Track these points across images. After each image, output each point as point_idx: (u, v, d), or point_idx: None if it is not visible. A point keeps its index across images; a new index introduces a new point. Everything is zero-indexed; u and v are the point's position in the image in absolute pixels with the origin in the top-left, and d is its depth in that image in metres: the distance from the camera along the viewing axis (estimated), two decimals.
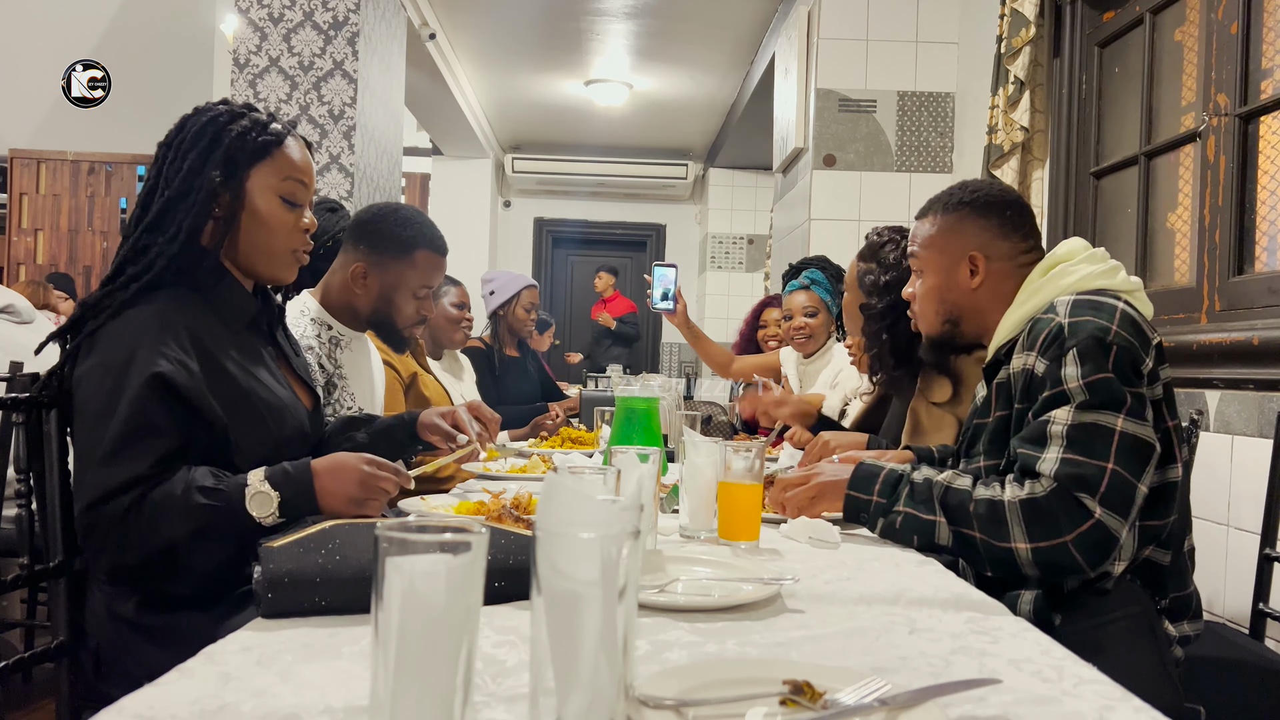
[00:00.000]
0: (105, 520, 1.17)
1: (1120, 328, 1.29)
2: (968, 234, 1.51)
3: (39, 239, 6.27)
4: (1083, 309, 1.32)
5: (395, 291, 1.99)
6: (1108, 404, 1.26)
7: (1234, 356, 2.04)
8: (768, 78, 5.40)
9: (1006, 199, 1.52)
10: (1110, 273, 1.41)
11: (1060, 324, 1.32)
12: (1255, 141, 2.21)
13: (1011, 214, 1.50)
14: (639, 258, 9.45)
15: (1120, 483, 1.22)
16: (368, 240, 1.98)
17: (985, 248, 1.50)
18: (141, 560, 1.19)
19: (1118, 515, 1.21)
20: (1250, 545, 1.82)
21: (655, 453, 1.29)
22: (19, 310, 2.83)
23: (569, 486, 0.63)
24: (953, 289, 1.53)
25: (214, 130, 1.35)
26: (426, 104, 6.70)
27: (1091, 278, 1.39)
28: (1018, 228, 1.50)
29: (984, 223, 1.50)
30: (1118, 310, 1.31)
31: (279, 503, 1.21)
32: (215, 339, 1.32)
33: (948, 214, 1.53)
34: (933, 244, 1.55)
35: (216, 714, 0.70)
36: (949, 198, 1.55)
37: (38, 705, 2.52)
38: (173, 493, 1.18)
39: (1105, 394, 1.26)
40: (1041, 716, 0.74)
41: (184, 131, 1.36)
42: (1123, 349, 1.27)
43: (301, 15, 4.09)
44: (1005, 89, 3.11)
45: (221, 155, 1.34)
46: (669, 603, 1.01)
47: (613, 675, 0.60)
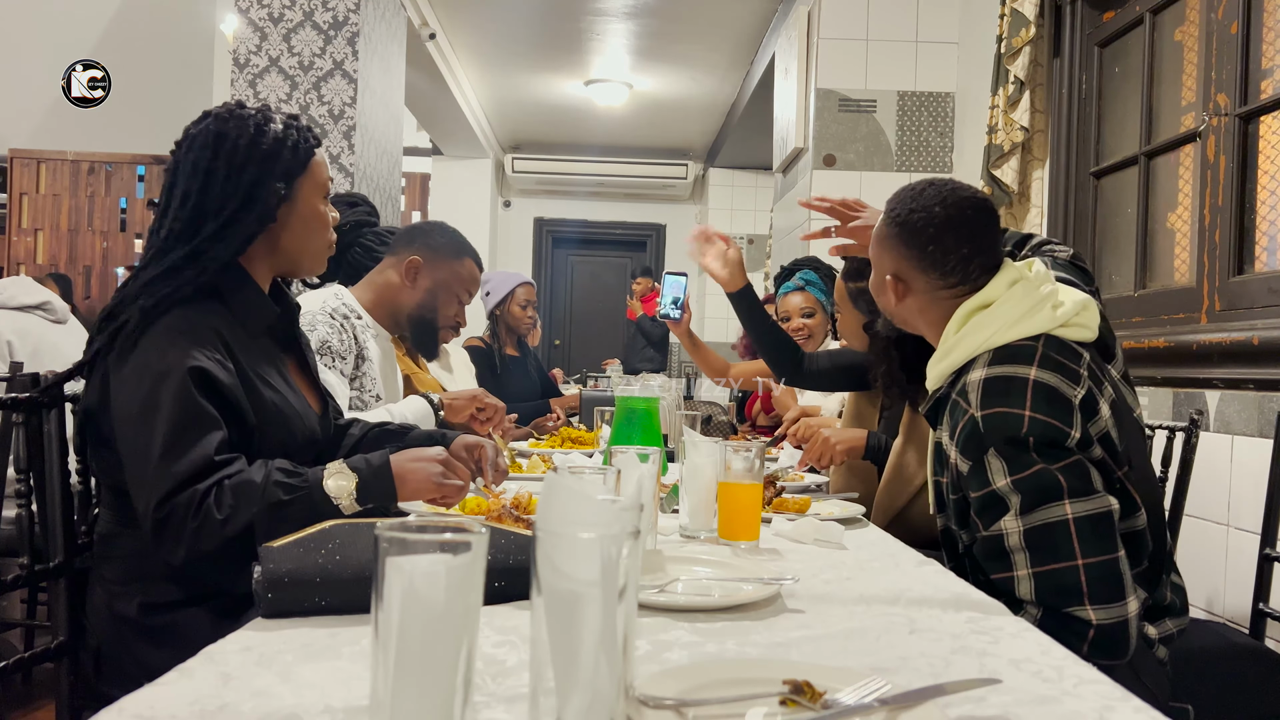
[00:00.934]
0: (180, 510, 1.15)
1: (1033, 409, 1.23)
2: (892, 255, 1.45)
3: (39, 239, 6.27)
4: (992, 396, 1.26)
5: (444, 288, 2.16)
6: (1048, 497, 1.22)
7: (1234, 356, 2.04)
8: (768, 78, 5.40)
9: (934, 228, 1.40)
10: (1031, 314, 1.33)
11: (974, 419, 1.27)
12: (1255, 141, 2.21)
13: (934, 249, 1.39)
14: (639, 258, 9.44)
15: (1100, 572, 1.20)
16: (423, 239, 2.15)
17: (904, 275, 1.44)
18: (220, 547, 1.16)
19: (1114, 603, 1.19)
20: (1250, 545, 1.82)
21: (655, 453, 1.29)
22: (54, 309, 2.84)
23: (569, 486, 0.63)
24: (885, 303, 1.51)
25: (268, 143, 1.36)
26: (426, 104, 6.70)
27: (1006, 329, 1.32)
28: (937, 264, 1.40)
29: (905, 251, 1.42)
30: (1029, 384, 1.25)
31: (357, 484, 1.22)
32: (238, 344, 1.33)
33: (885, 226, 1.46)
34: (871, 251, 1.51)
35: (216, 714, 0.70)
36: (893, 207, 1.46)
37: (38, 705, 2.52)
38: (252, 479, 1.18)
39: (1039, 488, 1.22)
40: (1041, 716, 0.74)
41: (230, 140, 1.34)
42: (1041, 432, 1.23)
43: (301, 15, 4.09)
44: (1005, 89, 3.11)
45: (282, 169, 1.36)
46: (669, 603, 1.01)
47: (613, 675, 0.60)
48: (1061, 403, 1.25)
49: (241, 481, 1.18)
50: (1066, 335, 1.33)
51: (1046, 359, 1.28)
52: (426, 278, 2.13)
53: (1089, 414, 1.26)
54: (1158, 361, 2.30)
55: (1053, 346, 1.30)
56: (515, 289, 3.69)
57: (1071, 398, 1.25)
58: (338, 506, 1.20)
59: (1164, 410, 2.28)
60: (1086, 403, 1.26)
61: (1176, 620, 1.36)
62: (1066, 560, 1.21)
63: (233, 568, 1.16)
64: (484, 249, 8.45)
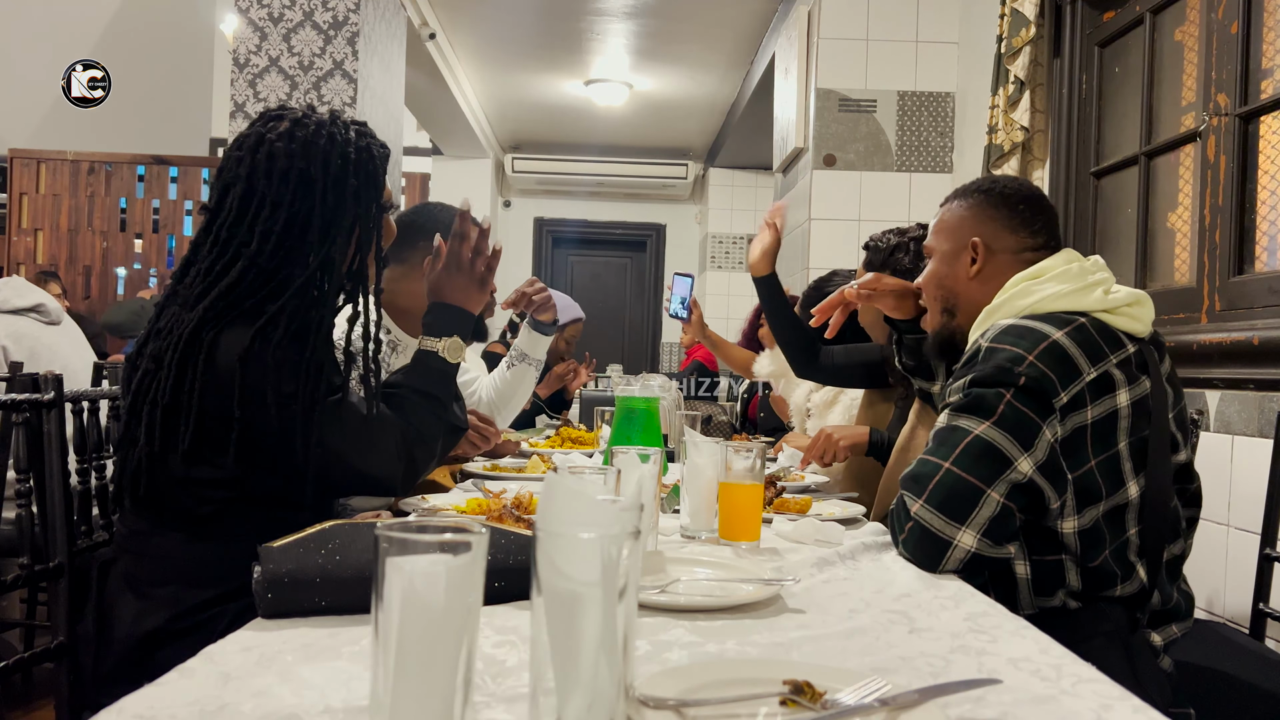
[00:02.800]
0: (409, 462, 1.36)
1: (1038, 359, 1.25)
2: (976, 221, 1.51)
3: (39, 239, 6.26)
4: (1008, 335, 1.29)
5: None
6: (975, 410, 1.25)
7: (1234, 356, 2.04)
8: (768, 78, 5.40)
9: (1023, 194, 1.51)
10: (1081, 292, 1.35)
11: (980, 346, 1.31)
12: (1255, 141, 2.21)
13: (1025, 209, 1.49)
14: (639, 258, 9.44)
15: (953, 482, 1.22)
16: (423, 234, 1.99)
17: (989, 237, 1.49)
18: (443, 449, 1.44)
19: (942, 515, 1.21)
20: (1250, 545, 1.81)
21: (656, 453, 1.29)
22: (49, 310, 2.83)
23: (569, 486, 0.63)
24: (951, 276, 1.53)
25: (361, 157, 1.35)
26: (426, 104, 6.70)
27: (1053, 299, 1.35)
28: (1027, 223, 1.48)
29: (993, 213, 1.50)
30: (1046, 341, 1.27)
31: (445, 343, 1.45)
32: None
33: (963, 200, 1.54)
34: (943, 228, 1.56)
35: (216, 714, 0.70)
36: (970, 186, 1.55)
37: (38, 705, 2.53)
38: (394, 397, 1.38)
39: (977, 401, 1.25)
40: (1040, 716, 0.74)
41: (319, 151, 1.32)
42: (1031, 379, 1.24)
43: (301, 15, 4.09)
44: (1005, 89, 3.11)
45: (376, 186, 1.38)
46: (669, 603, 1.01)
47: (613, 675, 0.60)
48: (1069, 366, 1.26)
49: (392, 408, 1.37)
50: (1113, 322, 1.33)
51: (1080, 330, 1.29)
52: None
53: (1096, 394, 1.26)
54: None
55: (1094, 326, 1.31)
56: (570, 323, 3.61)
57: (1083, 371, 1.26)
58: (445, 360, 1.44)
59: None
60: (1099, 383, 1.27)
61: (1182, 624, 1.36)
62: (938, 459, 1.25)
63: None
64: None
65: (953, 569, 1.22)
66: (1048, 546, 1.29)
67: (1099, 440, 1.27)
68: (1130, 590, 1.29)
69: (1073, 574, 1.28)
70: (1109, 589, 1.28)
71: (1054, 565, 1.28)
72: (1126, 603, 1.30)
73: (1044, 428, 1.24)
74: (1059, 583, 1.29)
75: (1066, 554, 1.28)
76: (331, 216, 1.31)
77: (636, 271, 9.47)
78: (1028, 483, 1.23)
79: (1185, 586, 1.40)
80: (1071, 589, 1.29)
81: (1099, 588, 1.29)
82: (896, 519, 1.28)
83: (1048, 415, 1.24)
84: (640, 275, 9.47)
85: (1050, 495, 1.25)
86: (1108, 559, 1.28)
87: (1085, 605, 1.29)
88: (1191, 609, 1.40)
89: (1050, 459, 1.25)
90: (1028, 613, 1.28)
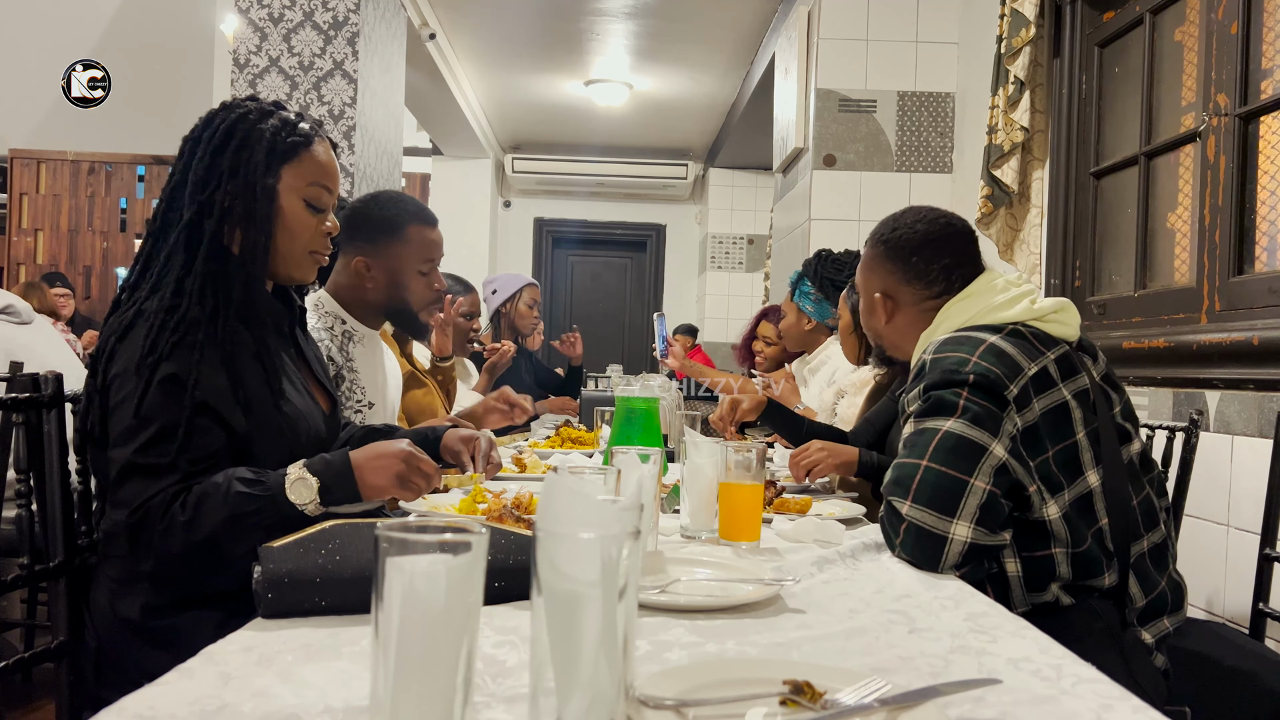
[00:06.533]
0: (151, 517, 1.16)
1: (981, 358, 1.30)
2: (877, 276, 1.57)
3: (39, 239, 6.27)
4: (948, 345, 1.35)
5: (400, 274, 2.00)
6: (938, 411, 1.28)
7: (1234, 356, 2.04)
8: (768, 78, 5.40)
9: (916, 241, 1.52)
10: (1006, 305, 1.41)
11: (924, 360, 1.36)
12: (1255, 141, 2.21)
13: (918, 260, 1.51)
14: (639, 258, 9.44)
15: (935, 478, 1.24)
16: (360, 233, 1.99)
17: (890, 289, 1.55)
18: (185, 551, 1.16)
19: (933, 511, 1.22)
20: (1250, 545, 1.82)
21: (656, 453, 1.29)
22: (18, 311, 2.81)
23: (569, 486, 0.63)
24: (872, 325, 1.62)
25: (245, 129, 1.33)
26: (426, 104, 6.70)
27: (983, 314, 1.41)
28: (921, 275, 1.51)
29: (890, 265, 1.54)
30: (984, 344, 1.32)
31: (319, 488, 1.19)
32: (238, 345, 1.30)
33: (870, 249, 1.59)
34: (859, 276, 1.63)
35: (216, 714, 0.70)
36: (875, 233, 1.59)
37: (38, 705, 2.53)
38: (215, 483, 1.18)
39: (937, 403, 1.29)
40: (1040, 716, 0.74)
41: (219, 130, 1.33)
42: (979, 375, 1.28)
43: (301, 15, 4.09)
44: (1005, 89, 3.11)
45: (263, 158, 1.33)
46: (669, 603, 1.01)
47: (613, 675, 0.60)
48: (1010, 362, 1.31)
49: (207, 486, 1.17)
50: (1042, 328, 1.39)
51: (1013, 334, 1.36)
52: (379, 270, 1.97)
53: (1040, 388, 1.31)
54: (1158, 361, 2.30)
55: (1026, 331, 1.37)
56: (522, 289, 3.77)
57: (1024, 367, 1.31)
58: (304, 513, 1.18)
59: (1164, 410, 2.28)
60: (1039, 378, 1.32)
61: (1173, 617, 1.36)
62: (916, 458, 1.26)
63: (202, 574, 1.19)
64: (484, 249, 8.45)
65: (953, 564, 1.23)
66: (1038, 541, 1.31)
67: (1052, 432, 1.31)
68: (1114, 580, 1.32)
69: (1064, 564, 1.31)
70: (1097, 576, 1.31)
71: (1044, 560, 1.31)
72: (1114, 598, 1.32)
73: (1004, 418, 1.28)
74: (1050, 575, 1.31)
75: (1056, 543, 1.30)
76: (201, 181, 1.31)
77: (636, 272, 9.47)
78: (1004, 466, 1.26)
79: (1176, 576, 1.41)
80: (1063, 579, 1.31)
81: (1087, 575, 1.31)
82: (889, 524, 1.29)
83: (1004, 406, 1.28)
84: (640, 275, 9.46)
85: (1025, 480, 1.29)
86: (1092, 544, 1.31)
87: (1076, 600, 1.31)
88: (1182, 600, 1.40)
89: (1014, 449, 1.28)
90: (1021, 610, 1.29)
